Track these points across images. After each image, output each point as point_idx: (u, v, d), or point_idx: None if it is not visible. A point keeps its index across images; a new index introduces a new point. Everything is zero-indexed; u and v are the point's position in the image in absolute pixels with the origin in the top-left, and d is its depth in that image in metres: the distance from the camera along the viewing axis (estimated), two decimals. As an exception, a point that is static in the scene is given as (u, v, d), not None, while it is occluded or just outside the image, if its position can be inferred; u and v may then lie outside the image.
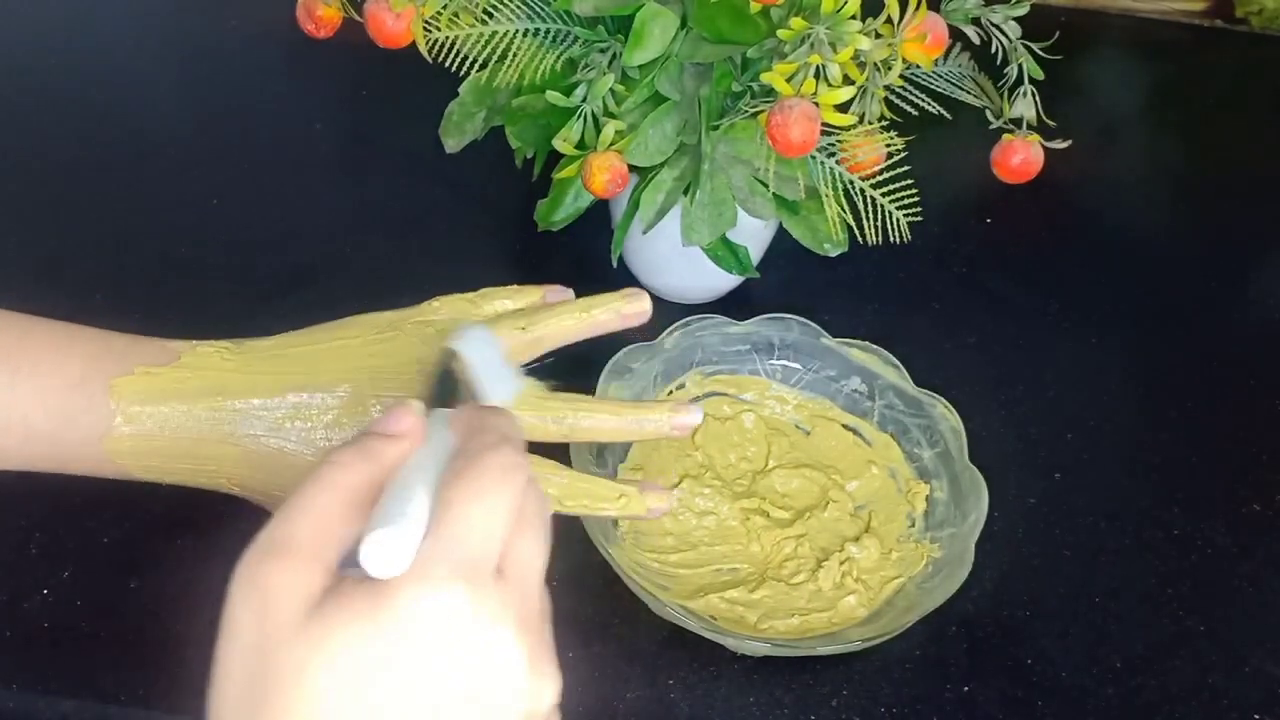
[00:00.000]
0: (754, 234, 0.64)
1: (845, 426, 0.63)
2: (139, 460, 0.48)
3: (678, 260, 0.65)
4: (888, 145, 0.59)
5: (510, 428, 0.37)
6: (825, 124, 0.55)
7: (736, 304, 0.68)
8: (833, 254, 0.62)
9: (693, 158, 0.59)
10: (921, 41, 0.55)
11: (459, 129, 0.63)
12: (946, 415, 0.60)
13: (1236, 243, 0.82)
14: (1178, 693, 0.55)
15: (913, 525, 0.59)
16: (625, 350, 0.60)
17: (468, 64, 0.57)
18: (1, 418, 0.47)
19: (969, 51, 0.61)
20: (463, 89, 0.62)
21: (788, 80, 0.54)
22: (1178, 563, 0.61)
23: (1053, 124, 0.60)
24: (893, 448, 0.61)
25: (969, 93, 0.62)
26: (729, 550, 0.58)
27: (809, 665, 0.54)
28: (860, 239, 0.60)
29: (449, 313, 0.51)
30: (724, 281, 0.68)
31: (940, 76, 0.62)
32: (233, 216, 0.74)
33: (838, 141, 0.59)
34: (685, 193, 0.60)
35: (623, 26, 0.57)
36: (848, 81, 0.54)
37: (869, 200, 0.59)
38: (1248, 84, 0.97)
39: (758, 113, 0.57)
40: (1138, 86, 0.94)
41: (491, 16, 0.57)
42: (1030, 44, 0.59)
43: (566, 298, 0.53)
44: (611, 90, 0.57)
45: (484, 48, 0.57)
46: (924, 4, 0.55)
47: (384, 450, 0.36)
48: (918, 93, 0.60)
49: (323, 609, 0.32)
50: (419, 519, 0.33)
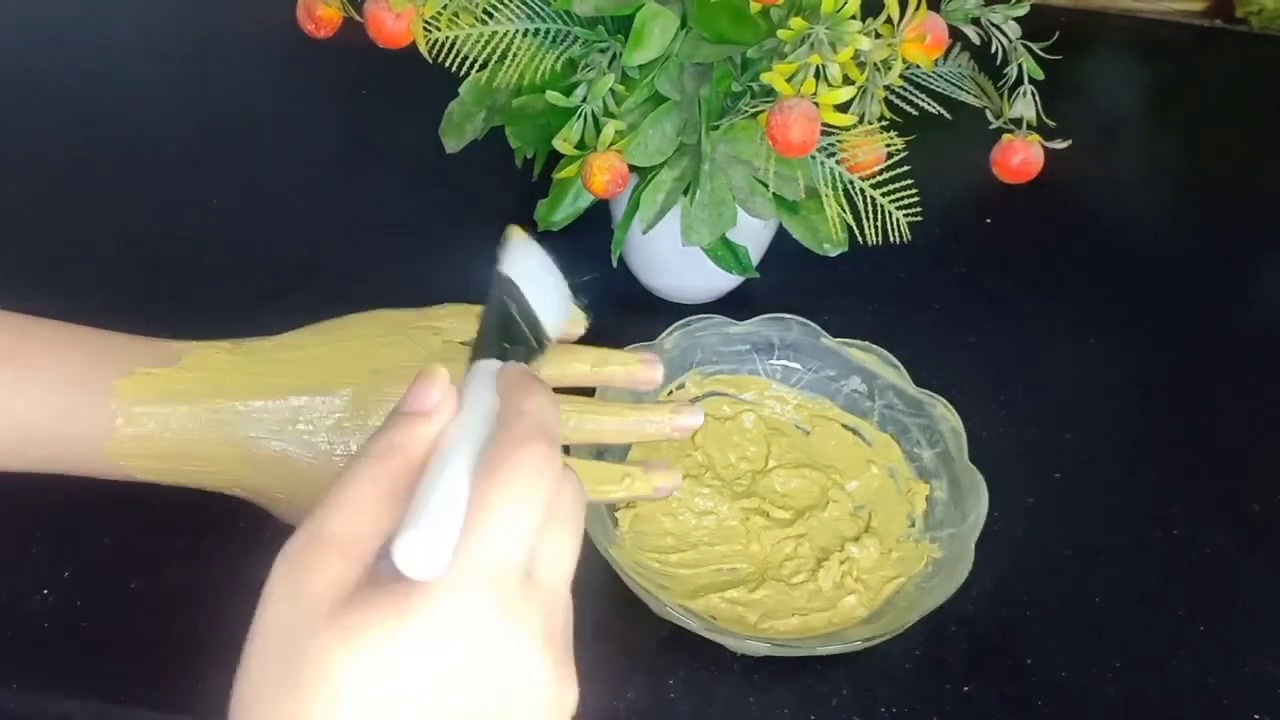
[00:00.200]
0: (754, 234, 0.64)
1: (845, 426, 0.63)
2: (140, 462, 0.48)
3: (678, 260, 0.65)
4: (888, 145, 0.59)
5: (546, 411, 0.36)
6: (825, 124, 0.55)
7: (736, 304, 0.68)
8: (833, 254, 0.62)
9: (693, 158, 0.59)
10: (921, 41, 0.55)
11: (459, 129, 0.63)
12: (946, 415, 0.60)
13: (1236, 243, 0.81)
14: (1178, 693, 0.55)
15: (912, 525, 0.59)
16: (625, 350, 0.60)
17: (468, 64, 0.57)
18: (2, 419, 0.47)
19: (969, 51, 0.61)
20: (463, 89, 0.62)
21: (788, 80, 0.54)
22: (1178, 563, 0.61)
23: (1053, 124, 0.60)
24: (893, 448, 0.61)
25: (969, 93, 0.62)
26: (729, 550, 0.58)
27: (809, 665, 0.54)
28: (860, 239, 0.60)
29: (455, 321, 0.51)
30: (724, 281, 0.68)
31: (940, 76, 0.62)
32: (233, 216, 0.74)
33: (838, 141, 0.59)
34: (685, 193, 0.60)
35: (623, 26, 0.57)
36: (848, 81, 0.54)
37: (869, 200, 0.59)
38: (1248, 84, 0.97)
39: (758, 113, 0.57)
40: (1138, 86, 0.94)
41: (491, 16, 0.57)
42: (1030, 44, 0.59)
43: (575, 331, 0.53)
44: (611, 90, 0.57)
45: (484, 48, 0.57)
46: (924, 4, 0.55)
47: (414, 432, 0.35)
48: (918, 93, 0.60)
49: (353, 604, 0.32)
50: (452, 516, 0.32)
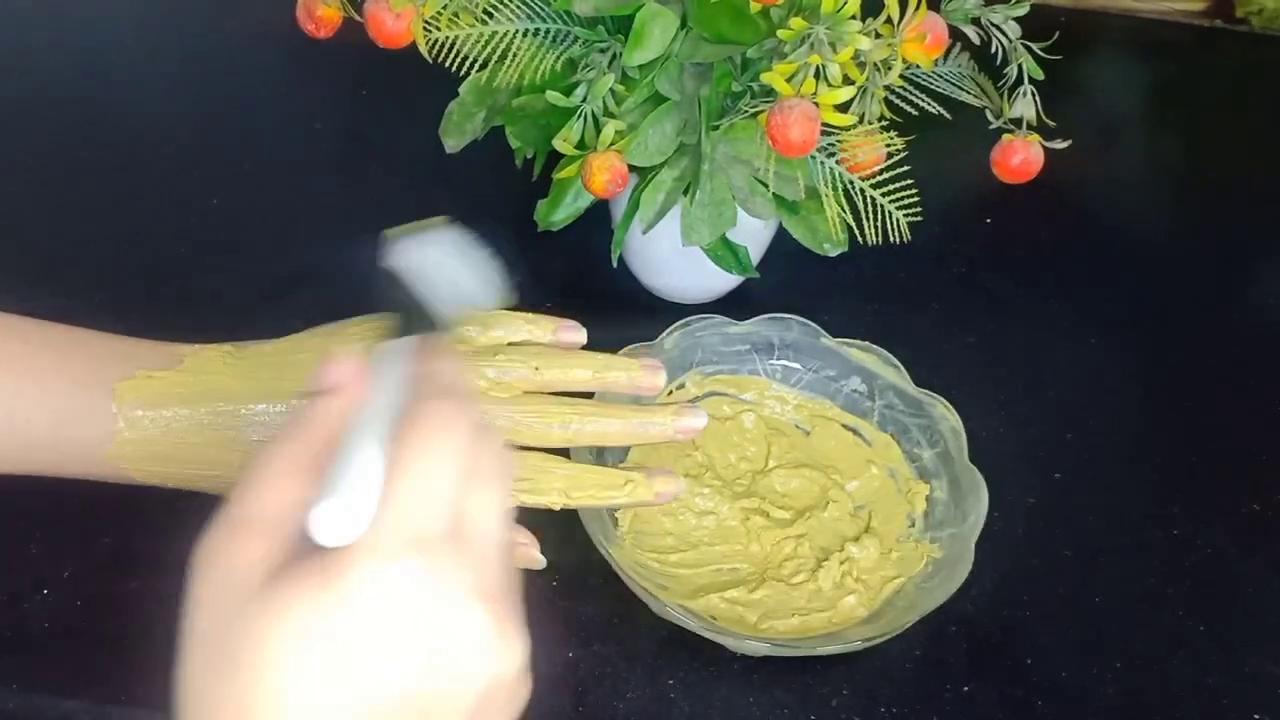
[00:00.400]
0: (754, 234, 0.64)
1: (845, 426, 0.63)
2: (141, 464, 0.48)
3: (678, 260, 0.65)
4: (888, 145, 0.59)
5: (454, 371, 0.36)
6: (825, 124, 0.55)
7: (736, 304, 0.68)
8: (833, 254, 0.62)
9: (693, 158, 0.59)
10: (921, 41, 0.55)
11: (459, 129, 0.63)
12: (946, 415, 0.60)
13: (1236, 243, 0.82)
14: (1178, 693, 0.55)
15: (912, 525, 0.59)
16: (625, 350, 0.60)
17: (468, 64, 0.57)
18: (3, 421, 0.47)
19: (969, 51, 0.61)
20: (463, 89, 0.62)
21: (788, 80, 0.54)
22: (1178, 563, 0.61)
23: (1053, 124, 0.60)
24: (893, 448, 0.61)
25: (969, 93, 0.62)
26: (729, 550, 0.58)
27: (809, 665, 0.54)
28: (860, 239, 0.60)
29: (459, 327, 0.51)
30: (724, 281, 0.68)
31: (940, 76, 0.62)
32: (233, 216, 0.74)
33: (838, 141, 0.59)
34: (685, 193, 0.60)
35: (623, 26, 0.57)
36: (848, 82, 0.54)
37: (869, 200, 0.59)
38: (1248, 84, 0.97)
39: (758, 113, 0.57)
40: (1138, 86, 0.94)
41: (491, 16, 0.57)
42: (1030, 44, 0.59)
43: (579, 338, 0.53)
44: (611, 90, 0.57)
45: (484, 48, 0.57)
46: (924, 4, 0.55)
47: (325, 409, 0.35)
48: (917, 93, 0.60)
49: (279, 579, 0.31)
50: (366, 483, 0.32)
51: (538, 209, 0.64)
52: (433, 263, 0.42)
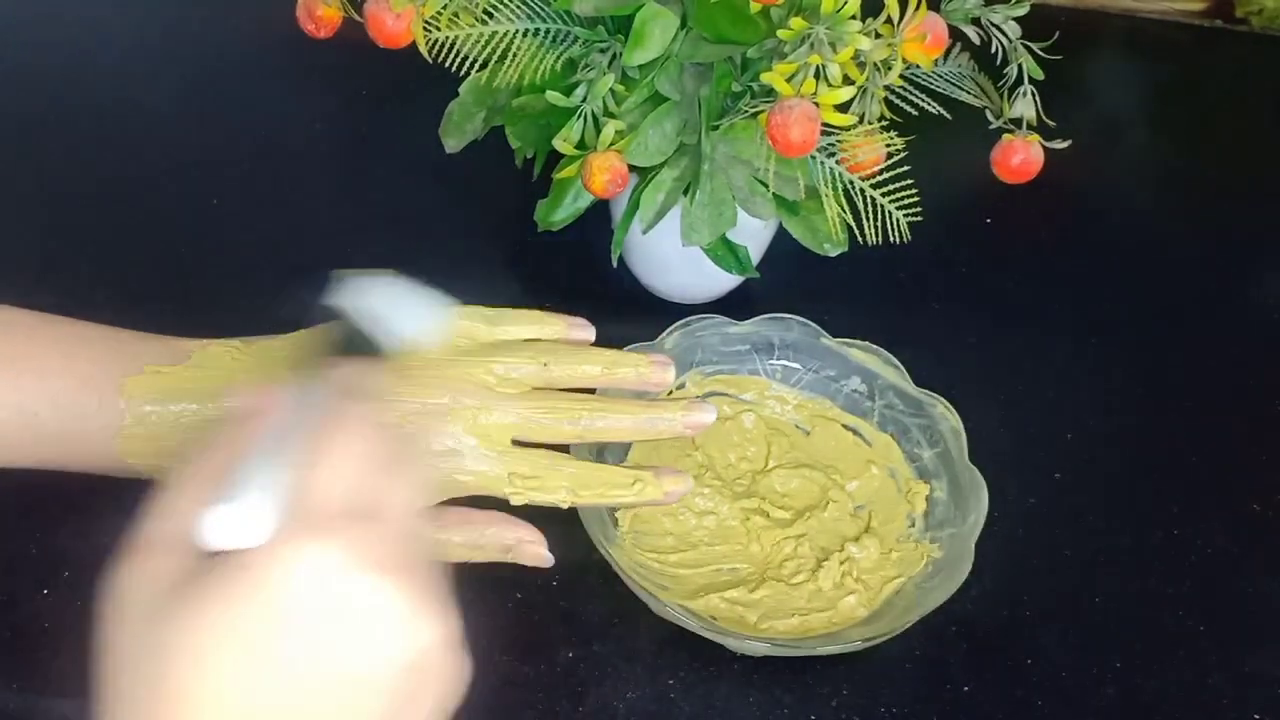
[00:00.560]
0: (754, 234, 0.64)
1: (845, 426, 0.63)
2: (149, 460, 0.48)
3: (678, 260, 0.65)
4: (888, 145, 0.59)
5: (357, 374, 0.37)
6: (825, 124, 0.55)
7: (736, 304, 0.68)
8: (833, 254, 0.62)
9: (693, 158, 0.59)
10: (921, 41, 0.55)
11: (459, 129, 0.63)
12: (946, 415, 0.60)
13: (1236, 242, 0.81)
14: (1178, 693, 0.55)
15: (913, 525, 0.59)
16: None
17: (468, 64, 0.57)
18: (12, 416, 0.47)
19: (969, 51, 0.61)
20: (463, 89, 0.62)
21: (788, 80, 0.54)
22: (1178, 563, 0.61)
23: (1053, 124, 0.60)
24: (893, 448, 0.61)
25: (969, 93, 0.62)
26: (729, 550, 0.58)
27: (809, 665, 0.54)
28: (860, 239, 0.60)
29: (467, 323, 0.52)
30: (724, 281, 0.68)
31: (940, 76, 0.62)
32: (233, 216, 0.74)
33: (838, 141, 0.59)
34: (685, 193, 0.60)
35: (623, 26, 0.57)
36: (848, 81, 0.54)
37: (869, 200, 0.59)
38: (1248, 84, 0.97)
39: (758, 113, 0.57)
40: (1138, 86, 0.94)
41: (491, 16, 0.57)
42: (1030, 44, 0.59)
43: (588, 335, 0.53)
44: (611, 90, 0.57)
45: (484, 48, 0.57)
46: (924, 4, 0.55)
47: (236, 430, 0.36)
48: (918, 93, 0.60)
49: (184, 589, 0.32)
50: (261, 485, 0.33)
51: (538, 209, 0.64)
52: (376, 302, 0.43)
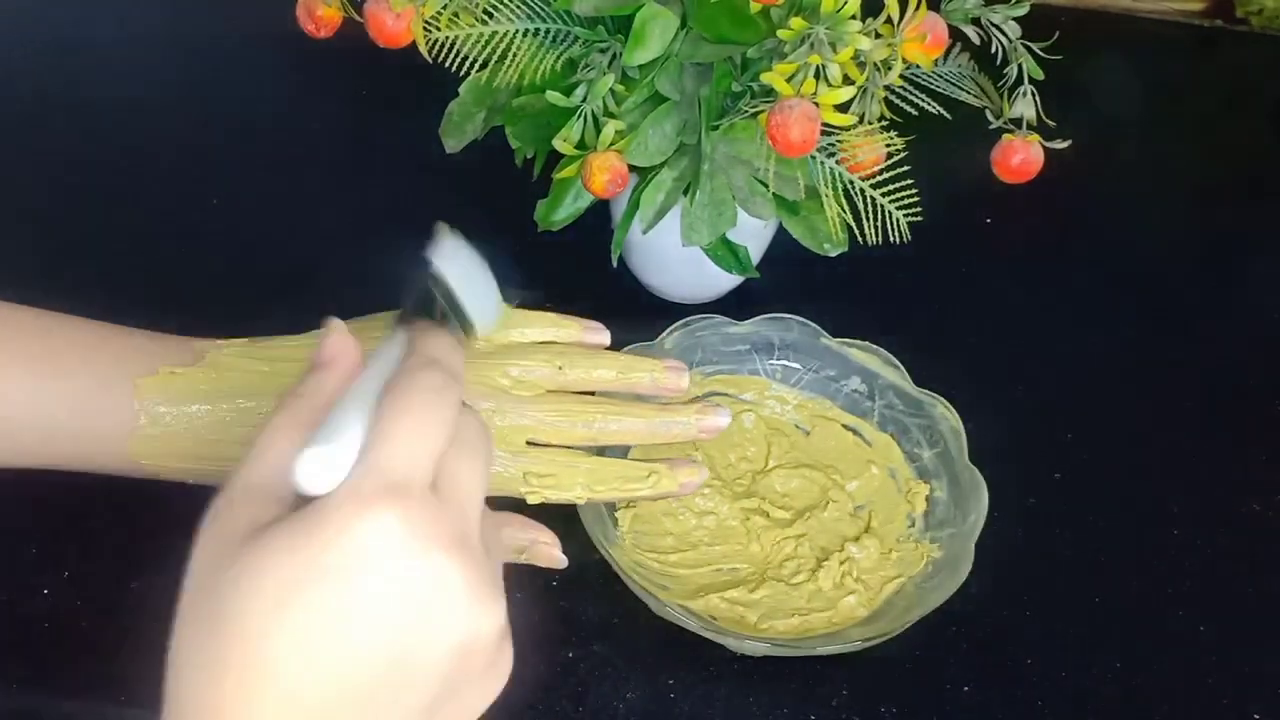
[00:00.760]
0: (754, 234, 0.64)
1: (845, 426, 0.63)
2: (162, 460, 0.49)
3: (678, 260, 0.65)
4: (888, 145, 0.59)
5: (448, 351, 0.37)
6: (825, 124, 0.55)
7: (736, 304, 0.68)
8: (833, 254, 0.62)
9: (693, 158, 0.59)
10: (921, 41, 0.55)
11: (459, 129, 0.63)
12: (946, 415, 0.60)
13: (1236, 243, 0.81)
14: (1178, 693, 0.55)
15: (913, 525, 0.59)
16: (626, 351, 0.60)
17: (468, 64, 0.57)
18: (26, 415, 0.47)
19: (969, 51, 0.61)
20: (463, 89, 0.62)
21: (788, 80, 0.54)
22: (1178, 563, 0.61)
23: (1052, 124, 0.60)
24: (893, 448, 0.61)
25: (969, 93, 0.62)
26: (729, 550, 0.58)
27: (809, 665, 0.54)
28: (860, 239, 0.60)
29: None
30: (724, 281, 0.68)
31: (940, 76, 0.62)
32: (233, 216, 0.74)
33: (838, 141, 0.59)
34: (685, 193, 0.60)
35: (623, 26, 0.57)
36: (848, 81, 0.54)
37: (869, 200, 0.59)
38: (1248, 84, 0.97)
39: (758, 113, 0.57)
40: (1138, 86, 0.93)
41: (491, 16, 0.57)
42: (1030, 44, 0.59)
43: (602, 338, 0.54)
44: (611, 90, 0.57)
45: (484, 48, 0.57)
46: (924, 4, 0.55)
47: (320, 380, 0.36)
48: (917, 93, 0.60)
49: (260, 534, 0.32)
50: (351, 437, 0.33)
51: (538, 209, 0.64)
52: (467, 268, 0.43)
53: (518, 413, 0.50)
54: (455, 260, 0.43)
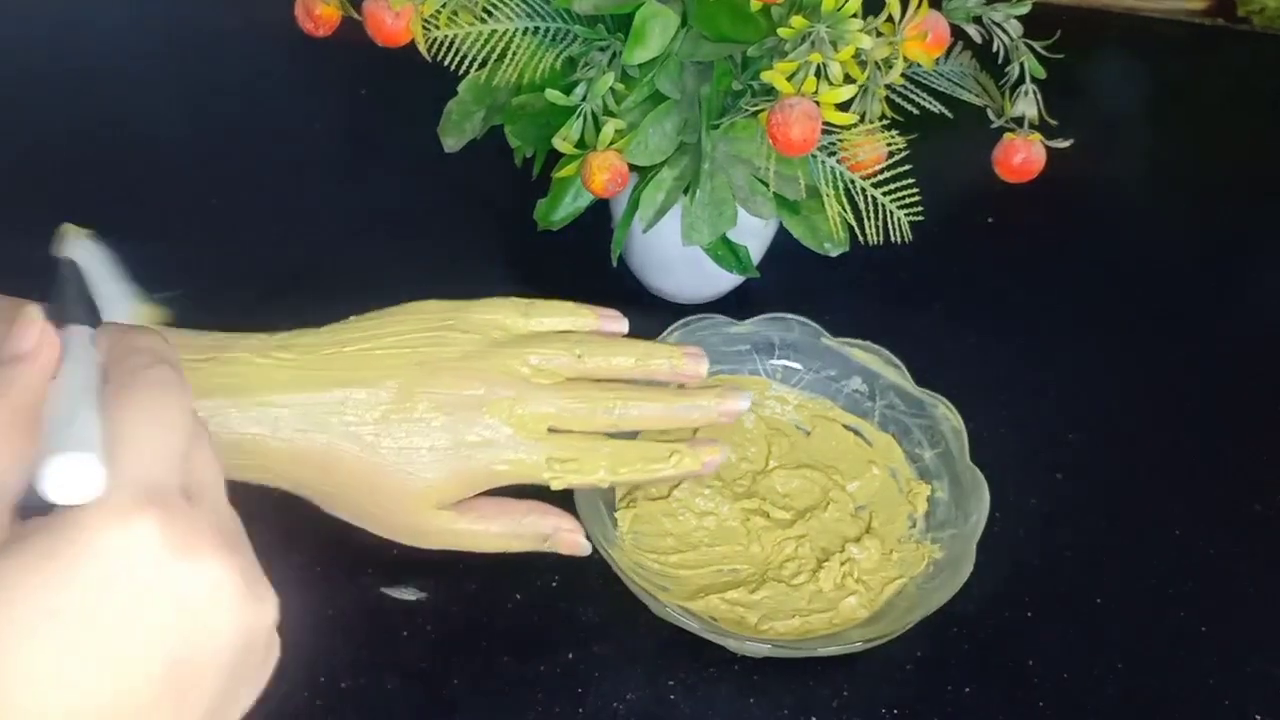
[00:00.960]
0: (754, 234, 0.64)
1: (846, 427, 0.63)
2: None
3: (678, 260, 0.65)
4: (889, 144, 0.58)
5: (161, 345, 0.35)
6: (826, 123, 0.55)
7: (736, 304, 0.67)
8: (833, 253, 0.62)
9: (693, 157, 0.59)
10: (922, 40, 0.55)
11: (458, 128, 0.63)
12: (948, 415, 0.59)
13: (1238, 242, 0.81)
14: (1178, 693, 0.55)
15: (914, 526, 0.59)
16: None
17: (467, 63, 0.57)
18: None
19: (970, 50, 0.61)
20: (462, 88, 0.62)
21: (788, 79, 0.54)
22: (1178, 563, 0.61)
23: (1054, 123, 0.60)
24: (894, 448, 0.61)
25: (970, 91, 0.62)
26: (729, 551, 0.58)
27: (810, 666, 0.54)
28: (861, 238, 0.60)
29: (501, 315, 0.52)
30: (724, 281, 0.68)
31: (941, 75, 0.62)
32: (232, 216, 0.74)
33: (838, 140, 0.59)
34: (685, 192, 0.60)
35: (623, 25, 0.57)
36: (849, 80, 0.54)
37: (870, 199, 0.59)
38: (1249, 83, 0.97)
39: (758, 112, 0.57)
40: (1140, 85, 0.93)
41: (491, 15, 0.57)
42: (1032, 42, 0.58)
43: (620, 327, 0.54)
44: (611, 89, 0.57)
45: (483, 46, 0.57)
46: (925, 2, 0.55)
47: (21, 373, 0.33)
48: (919, 91, 0.60)
49: (4, 556, 0.29)
50: (91, 439, 0.31)
51: (538, 208, 0.64)
52: (97, 264, 0.44)
53: (538, 400, 0.50)
54: (86, 255, 0.43)
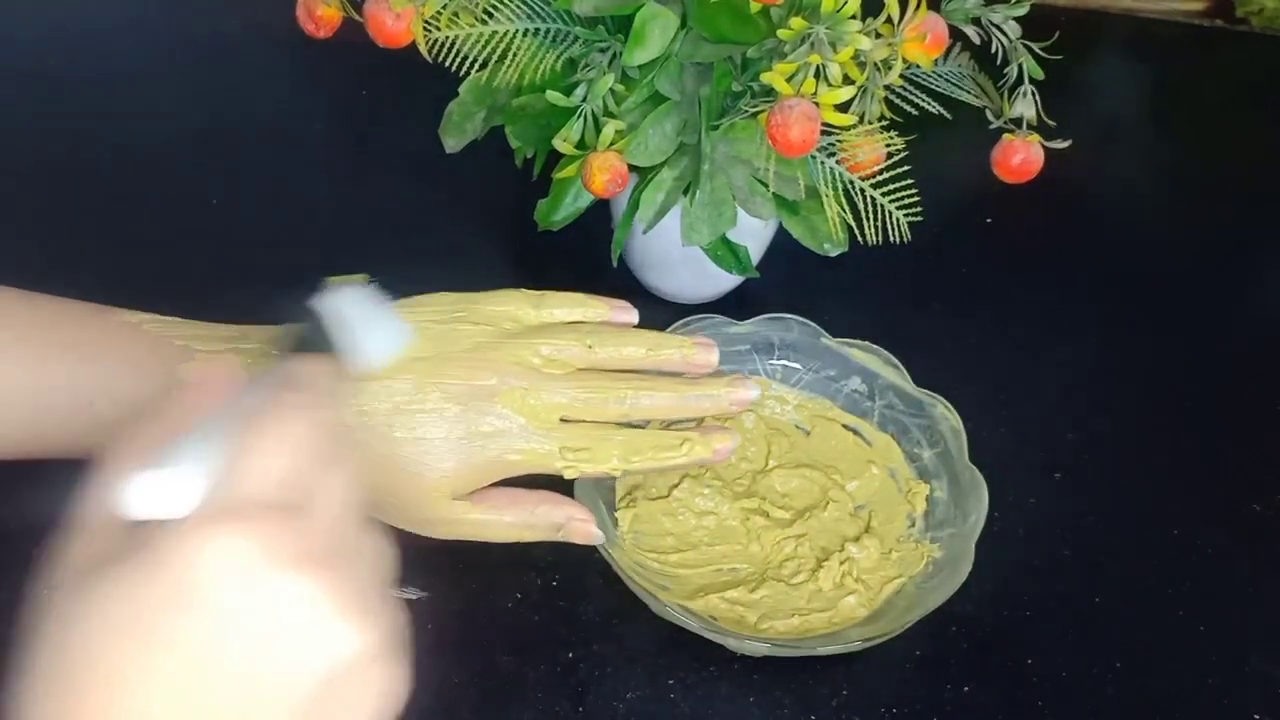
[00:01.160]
0: (754, 234, 0.64)
1: (845, 426, 0.63)
2: None
3: (678, 260, 0.65)
4: (888, 145, 0.59)
5: (319, 375, 0.36)
6: (825, 124, 0.55)
7: (736, 304, 0.68)
8: (833, 254, 0.62)
9: (693, 158, 0.59)
10: (921, 41, 0.55)
11: (459, 129, 0.63)
12: (947, 415, 0.60)
13: (1237, 242, 0.81)
14: (1178, 693, 0.55)
15: (913, 525, 0.59)
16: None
17: (468, 64, 0.57)
18: (67, 404, 0.47)
19: (969, 51, 0.61)
20: (463, 89, 0.62)
21: (788, 80, 0.54)
22: (1178, 563, 0.61)
23: (1053, 124, 0.60)
24: (893, 448, 0.61)
25: (969, 92, 0.62)
26: (729, 550, 0.58)
27: (809, 665, 0.54)
28: (860, 239, 0.60)
29: (512, 306, 0.52)
30: (724, 281, 0.68)
31: (940, 76, 0.62)
32: (233, 216, 0.74)
33: (838, 141, 0.59)
34: (685, 193, 0.60)
35: (623, 26, 0.57)
36: (848, 81, 0.54)
37: (869, 200, 0.59)
38: (1248, 84, 0.97)
39: (758, 112, 0.57)
40: (1138, 86, 0.93)
41: (491, 16, 0.57)
42: (1030, 44, 0.59)
43: (630, 318, 0.54)
44: (611, 90, 0.57)
45: (484, 48, 0.57)
46: (924, 4, 0.55)
47: (179, 402, 0.35)
48: (918, 92, 0.60)
49: (100, 564, 0.30)
50: (194, 460, 0.31)
51: (538, 209, 0.64)
52: (348, 310, 0.44)
53: (550, 391, 0.50)
54: (338, 304, 0.43)
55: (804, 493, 0.60)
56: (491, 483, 0.51)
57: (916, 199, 0.58)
